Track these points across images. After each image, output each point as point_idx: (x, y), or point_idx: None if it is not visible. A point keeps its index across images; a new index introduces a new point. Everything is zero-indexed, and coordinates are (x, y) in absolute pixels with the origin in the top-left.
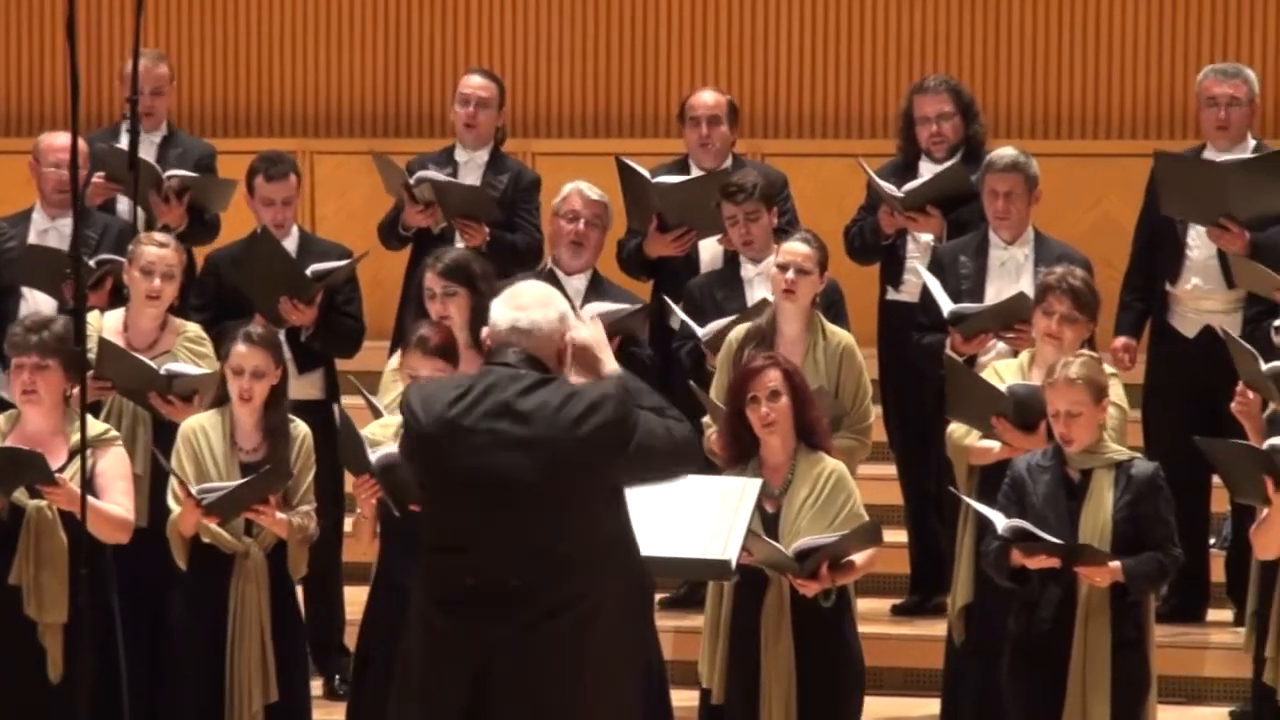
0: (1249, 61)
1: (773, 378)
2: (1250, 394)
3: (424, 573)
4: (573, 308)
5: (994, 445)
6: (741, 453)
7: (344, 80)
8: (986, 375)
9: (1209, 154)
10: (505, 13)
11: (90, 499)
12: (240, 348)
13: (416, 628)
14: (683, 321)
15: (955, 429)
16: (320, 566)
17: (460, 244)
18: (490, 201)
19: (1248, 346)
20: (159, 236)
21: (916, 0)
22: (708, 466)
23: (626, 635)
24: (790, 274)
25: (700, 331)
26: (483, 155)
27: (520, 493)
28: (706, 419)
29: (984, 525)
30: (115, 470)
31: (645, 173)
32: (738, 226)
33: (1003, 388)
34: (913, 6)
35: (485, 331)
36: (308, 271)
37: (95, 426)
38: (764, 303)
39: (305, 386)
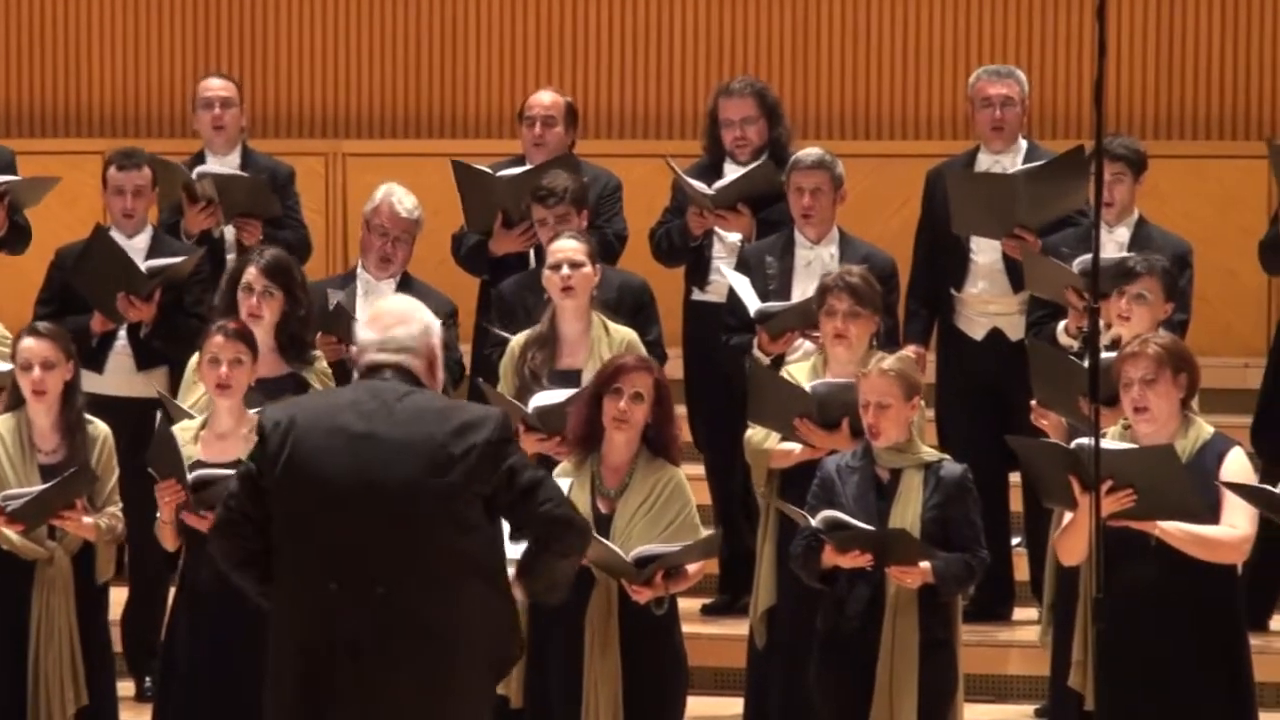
0: (1053, 63)
1: (642, 382)
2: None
3: (289, 590)
4: None
5: (794, 447)
6: (588, 438)
7: (148, 80)
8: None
9: (983, 156)
10: (314, 10)
11: None
12: (26, 341)
13: (285, 644)
14: (495, 327)
15: (754, 433)
16: (151, 569)
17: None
18: (270, 193)
19: (1076, 361)
20: None
21: (724, 0)
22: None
23: (484, 667)
24: (565, 270)
25: (511, 338)
26: (234, 157)
27: (394, 498)
28: None
29: (787, 527)
30: None
31: (487, 169)
32: (547, 229)
33: (806, 387)
34: (720, 7)
35: (354, 351)
36: (144, 267)
37: None
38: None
39: (147, 386)
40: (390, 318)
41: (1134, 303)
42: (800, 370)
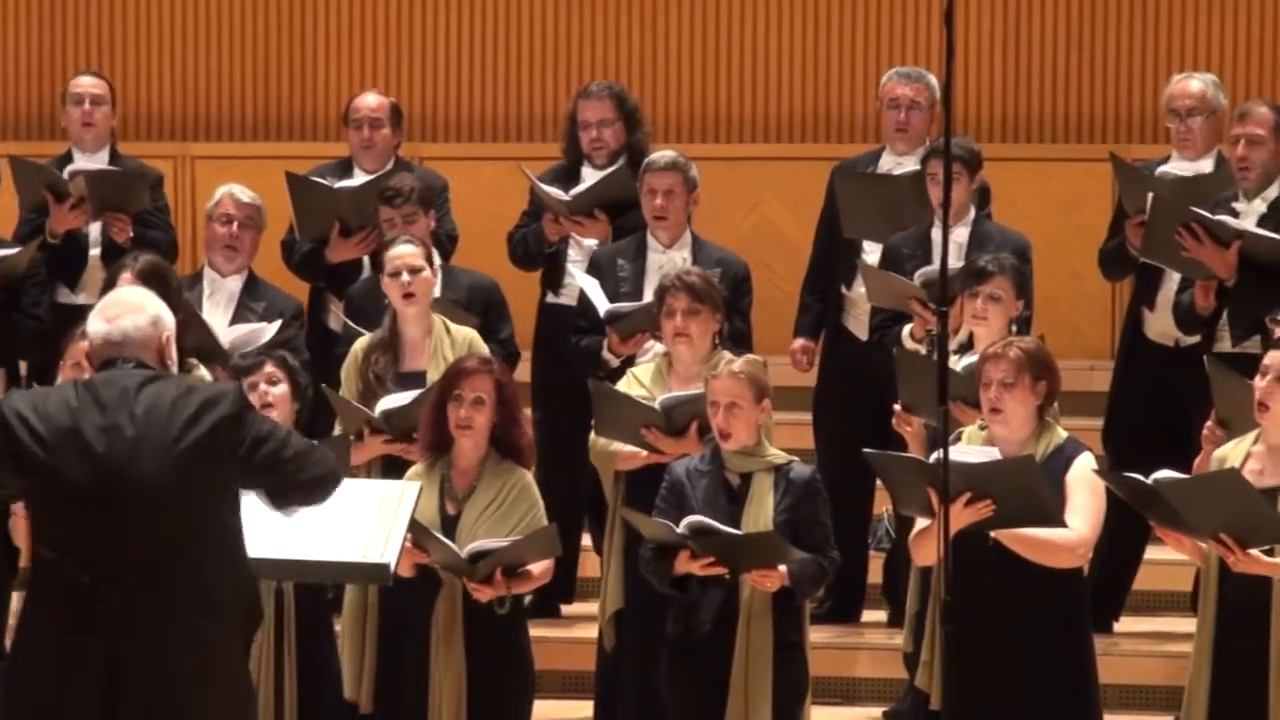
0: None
1: (481, 385)
2: (911, 418)
3: (39, 576)
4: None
5: (641, 450)
6: (439, 443)
7: None
8: (624, 381)
9: (887, 157)
10: (162, 12)
11: None
12: None
13: (33, 628)
14: (345, 324)
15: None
16: None
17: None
18: (144, 184)
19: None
20: None
21: (575, 3)
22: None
23: (236, 651)
24: (405, 277)
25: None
26: (103, 157)
27: (135, 492)
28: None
29: (634, 530)
30: None
31: (324, 182)
32: (395, 229)
33: (655, 403)
34: (569, 10)
35: (84, 344)
36: None
37: None
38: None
39: None
40: (119, 307)
41: (988, 303)
42: (644, 372)
